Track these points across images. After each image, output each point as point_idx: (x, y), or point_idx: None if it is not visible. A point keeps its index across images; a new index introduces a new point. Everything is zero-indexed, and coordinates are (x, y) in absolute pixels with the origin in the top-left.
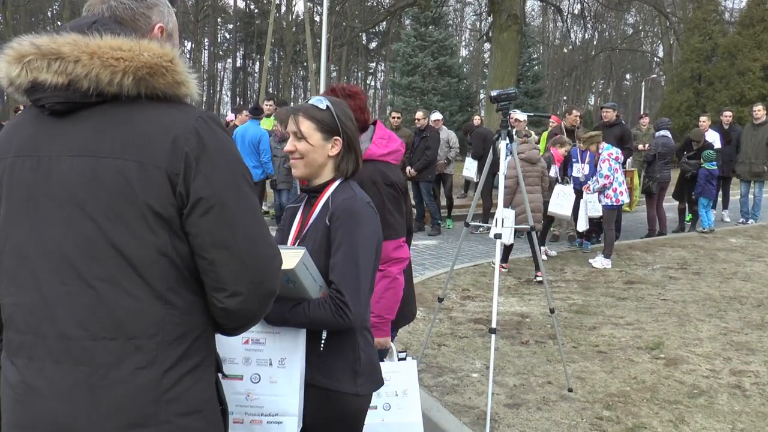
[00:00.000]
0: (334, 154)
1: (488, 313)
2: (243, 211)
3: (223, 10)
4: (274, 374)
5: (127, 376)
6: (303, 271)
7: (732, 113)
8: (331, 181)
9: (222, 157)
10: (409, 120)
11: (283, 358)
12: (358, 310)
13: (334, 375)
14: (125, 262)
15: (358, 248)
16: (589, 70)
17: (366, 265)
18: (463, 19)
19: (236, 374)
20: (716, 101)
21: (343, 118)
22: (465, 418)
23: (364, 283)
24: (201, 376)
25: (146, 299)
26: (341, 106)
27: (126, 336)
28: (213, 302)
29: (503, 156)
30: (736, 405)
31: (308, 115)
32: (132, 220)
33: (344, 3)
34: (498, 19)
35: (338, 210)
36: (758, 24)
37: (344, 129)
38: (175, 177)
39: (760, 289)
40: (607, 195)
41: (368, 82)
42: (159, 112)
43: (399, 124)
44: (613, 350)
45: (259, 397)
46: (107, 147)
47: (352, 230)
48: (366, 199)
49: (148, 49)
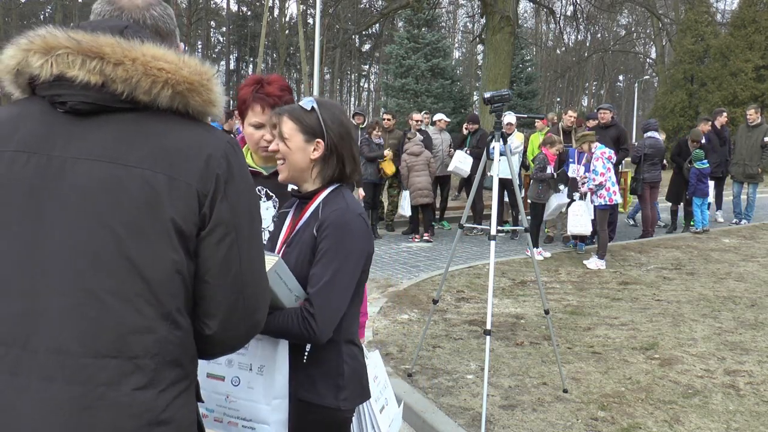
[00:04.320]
0: (316, 158)
1: (483, 315)
2: (252, 241)
3: (216, 12)
4: (252, 380)
5: (125, 397)
6: (275, 279)
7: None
8: (322, 188)
9: (245, 185)
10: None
11: (262, 365)
12: (324, 325)
13: (316, 388)
14: (139, 276)
15: (339, 262)
16: (582, 72)
17: (343, 280)
18: (456, 21)
19: (219, 375)
20: (709, 102)
21: (328, 121)
22: (460, 420)
23: (338, 298)
24: (188, 399)
25: (154, 317)
26: (331, 109)
27: (128, 354)
28: (201, 328)
29: (496, 157)
30: (731, 405)
31: (292, 116)
32: (154, 233)
33: (337, 5)
34: (491, 21)
35: (327, 221)
36: (750, 25)
37: (328, 131)
38: (203, 197)
39: (754, 289)
40: (600, 195)
41: (361, 84)
42: (190, 129)
43: (391, 126)
44: (608, 351)
45: (237, 400)
46: (136, 156)
47: (336, 243)
48: (358, 210)
49: (189, 65)
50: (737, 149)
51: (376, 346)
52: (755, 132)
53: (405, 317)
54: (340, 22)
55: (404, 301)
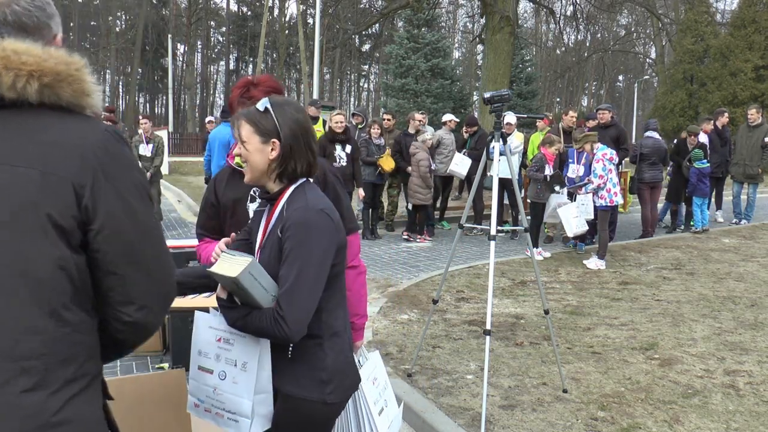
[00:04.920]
0: (274, 158)
1: (483, 315)
2: (149, 227)
3: (216, 12)
4: (236, 375)
5: (11, 400)
6: (249, 280)
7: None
8: (286, 187)
9: (129, 172)
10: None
11: (246, 362)
12: (294, 325)
13: (300, 382)
14: (21, 275)
15: (302, 262)
16: (582, 72)
17: (309, 279)
18: (455, 21)
19: (208, 368)
20: (709, 102)
21: (282, 120)
22: (460, 420)
23: (305, 298)
24: (90, 398)
25: (39, 315)
26: (285, 108)
27: (12, 356)
28: (119, 317)
29: (496, 157)
30: (730, 405)
31: (248, 119)
32: (32, 231)
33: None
34: (491, 21)
35: (288, 221)
36: (749, 25)
37: (283, 131)
38: (81, 189)
39: (754, 289)
40: (601, 195)
41: (361, 84)
42: (63, 122)
43: (391, 126)
44: (608, 351)
45: (223, 393)
46: (5, 153)
47: (299, 243)
48: (320, 205)
49: (56, 57)
50: (737, 149)
51: (376, 346)
52: (756, 132)
53: (405, 317)
54: (339, 22)
55: (404, 301)
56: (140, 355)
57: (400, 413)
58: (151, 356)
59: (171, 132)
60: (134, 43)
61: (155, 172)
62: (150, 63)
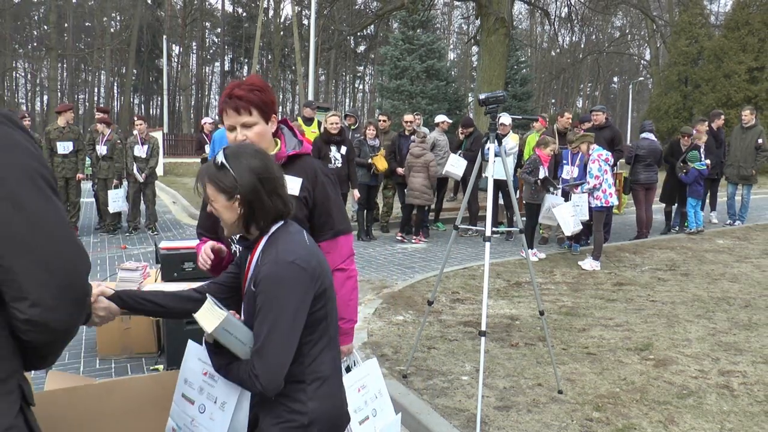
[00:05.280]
0: (242, 215)
1: (478, 316)
2: (41, 216)
3: (211, 13)
4: (214, 412)
5: None
6: (224, 335)
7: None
8: (261, 236)
9: (16, 158)
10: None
11: (224, 402)
12: (269, 383)
13: (281, 425)
14: None
15: (274, 317)
16: (577, 73)
17: (281, 334)
18: (450, 22)
19: (191, 398)
20: (703, 104)
21: (238, 173)
22: (455, 421)
23: (277, 354)
24: None
25: None
26: (241, 159)
27: None
28: (14, 314)
29: (491, 158)
30: (725, 405)
31: (209, 178)
32: None
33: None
34: (486, 23)
35: (259, 276)
36: (743, 27)
37: (241, 186)
38: None
39: (748, 289)
40: (596, 196)
41: (356, 85)
42: None
43: (387, 127)
44: (603, 352)
45: (199, 426)
46: None
47: (269, 299)
48: (290, 257)
49: None
50: (732, 151)
51: (371, 348)
52: (749, 134)
53: (400, 318)
54: (335, 24)
55: (399, 302)
56: (135, 357)
57: (397, 423)
58: (146, 358)
59: (166, 133)
60: (129, 44)
61: (150, 173)
62: (145, 64)
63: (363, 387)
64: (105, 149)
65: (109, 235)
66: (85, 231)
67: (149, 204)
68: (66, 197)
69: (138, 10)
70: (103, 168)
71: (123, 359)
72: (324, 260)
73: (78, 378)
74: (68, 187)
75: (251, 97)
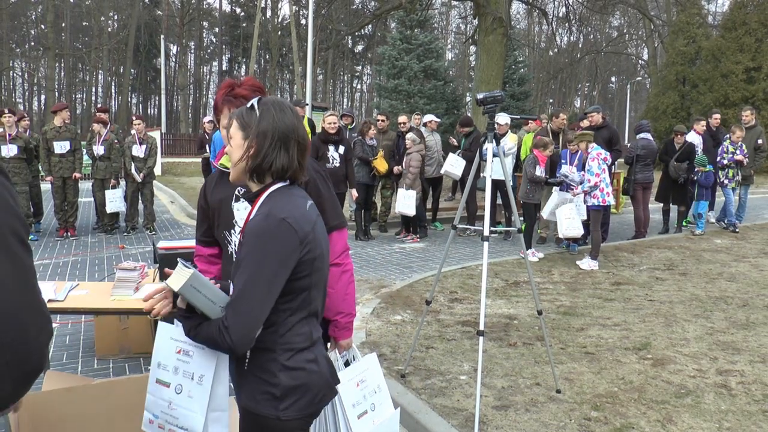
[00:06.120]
0: (250, 155)
1: (476, 316)
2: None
3: (209, 13)
4: (192, 389)
5: None
6: (192, 293)
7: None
8: (263, 190)
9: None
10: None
11: (202, 375)
12: (238, 337)
13: (255, 397)
14: None
15: (251, 271)
16: (575, 73)
17: (256, 289)
18: (448, 22)
19: (165, 381)
20: (701, 104)
21: (262, 117)
22: (453, 421)
23: (250, 308)
24: None
25: None
26: (270, 107)
27: None
28: None
29: (489, 158)
30: (723, 404)
31: (237, 116)
32: None
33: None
34: (483, 22)
35: (246, 229)
36: (740, 27)
37: (259, 127)
38: None
39: (745, 289)
40: (594, 195)
41: (354, 85)
42: None
43: (386, 127)
44: (601, 351)
45: (177, 408)
46: None
47: (250, 252)
48: (283, 214)
49: None
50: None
51: (370, 347)
52: (749, 134)
53: (398, 318)
54: (332, 23)
55: (397, 302)
56: (133, 357)
57: (396, 418)
58: (144, 358)
59: (164, 133)
60: (126, 43)
61: (148, 173)
62: (142, 64)
63: (362, 381)
64: (102, 149)
65: (107, 234)
66: (84, 231)
67: (147, 204)
68: (64, 197)
69: (135, 9)
70: (101, 168)
71: (121, 359)
72: (322, 232)
73: (76, 378)
74: (66, 186)
75: (254, 98)
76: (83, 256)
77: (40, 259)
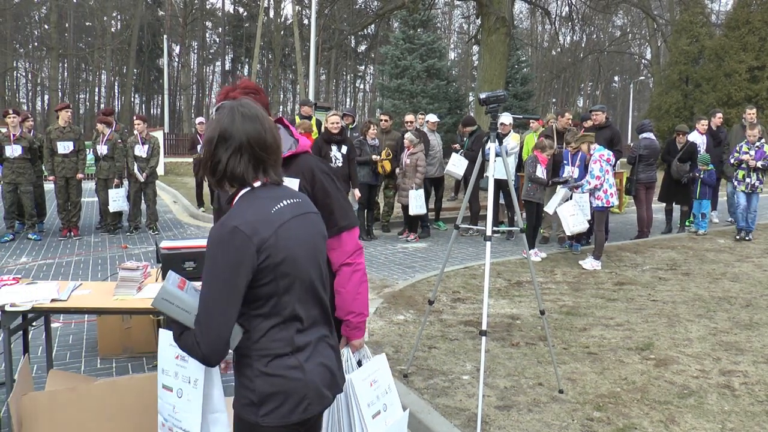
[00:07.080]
0: (203, 163)
1: (479, 316)
2: None
3: (212, 13)
4: (190, 393)
5: None
6: (165, 305)
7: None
8: (234, 194)
9: None
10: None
11: (196, 379)
12: (208, 348)
13: (240, 401)
14: None
15: (208, 282)
16: (578, 73)
17: (213, 300)
18: (451, 21)
19: (169, 386)
20: (704, 103)
21: (210, 126)
22: (456, 421)
23: (211, 319)
24: None
25: None
26: (221, 110)
27: None
28: None
29: (492, 158)
30: (726, 405)
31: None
32: None
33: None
34: (486, 22)
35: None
36: (744, 26)
37: (207, 136)
38: None
39: (749, 289)
40: (597, 196)
41: (357, 85)
42: None
43: (389, 127)
44: (604, 351)
45: (180, 412)
46: None
47: (206, 263)
48: (236, 222)
49: None
50: (732, 149)
51: (372, 348)
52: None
53: (401, 318)
54: (335, 23)
55: (400, 301)
56: (136, 357)
57: (405, 420)
58: (147, 357)
59: (166, 133)
60: (129, 43)
61: (151, 173)
62: (145, 64)
63: (374, 381)
64: (105, 149)
65: (110, 234)
66: (87, 230)
67: (150, 203)
68: (67, 197)
69: (138, 9)
70: (104, 168)
71: (124, 359)
72: (298, 234)
73: (79, 377)
74: (69, 186)
75: (252, 99)
76: (86, 255)
77: (44, 259)
